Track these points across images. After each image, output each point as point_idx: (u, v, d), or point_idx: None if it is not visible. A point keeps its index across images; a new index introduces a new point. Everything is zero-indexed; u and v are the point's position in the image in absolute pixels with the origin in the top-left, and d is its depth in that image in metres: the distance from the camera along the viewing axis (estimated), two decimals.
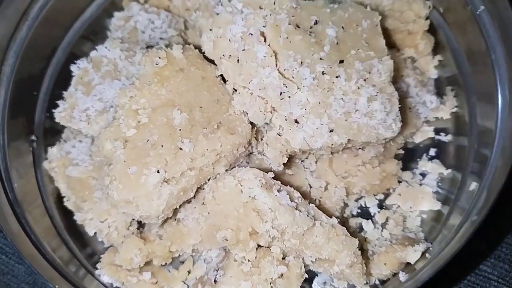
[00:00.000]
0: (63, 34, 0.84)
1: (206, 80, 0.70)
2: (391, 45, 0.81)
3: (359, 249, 0.65)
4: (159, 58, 0.67)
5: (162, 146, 0.64)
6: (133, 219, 0.73)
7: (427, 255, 0.65)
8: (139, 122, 0.66)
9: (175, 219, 0.72)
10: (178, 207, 0.69)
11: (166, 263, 0.72)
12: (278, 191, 0.64)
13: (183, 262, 0.75)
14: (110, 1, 0.87)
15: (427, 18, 0.79)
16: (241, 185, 0.64)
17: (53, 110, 0.75)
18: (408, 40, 0.80)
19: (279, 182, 0.66)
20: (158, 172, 0.63)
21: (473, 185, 0.67)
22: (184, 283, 0.73)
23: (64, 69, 0.82)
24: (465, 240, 0.56)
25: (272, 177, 0.66)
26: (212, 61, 0.71)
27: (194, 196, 0.70)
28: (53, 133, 0.80)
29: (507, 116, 0.67)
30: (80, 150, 0.76)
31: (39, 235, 0.70)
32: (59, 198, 0.77)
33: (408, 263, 0.67)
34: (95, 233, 0.74)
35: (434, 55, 0.82)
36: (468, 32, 0.74)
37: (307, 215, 0.63)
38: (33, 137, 0.78)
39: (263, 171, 0.66)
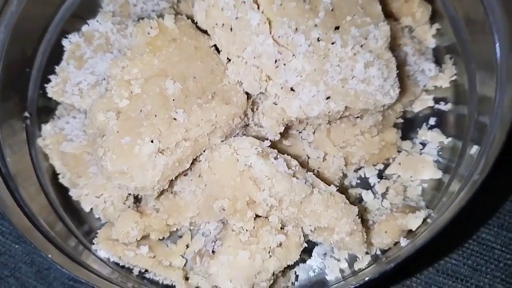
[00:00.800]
0: (55, 11, 0.82)
1: (199, 50, 0.69)
2: (388, 15, 0.79)
3: (359, 217, 0.64)
4: (151, 28, 0.66)
5: (155, 116, 0.63)
6: (129, 194, 0.72)
7: (428, 221, 0.64)
8: (131, 92, 0.64)
9: (172, 192, 0.70)
10: (174, 179, 0.68)
11: (163, 237, 0.71)
12: (275, 158, 0.63)
13: (181, 237, 0.74)
14: None
15: None
16: (237, 154, 0.63)
17: (46, 85, 0.74)
18: (404, 9, 0.79)
19: (276, 151, 0.65)
20: (152, 142, 0.62)
21: (473, 150, 0.66)
22: (183, 257, 0.72)
23: (56, 46, 0.81)
24: (465, 202, 0.55)
25: (269, 146, 0.65)
26: (205, 31, 0.70)
27: (191, 168, 0.69)
28: (47, 111, 0.79)
29: (506, 81, 0.65)
30: (74, 126, 0.75)
31: (35, 212, 0.69)
32: (54, 175, 0.76)
33: (410, 231, 0.65)
34: (91, 209, 0.73)
35: (431, 24, 0.80)
36: None
37: (305, 183, 0.62)
38: (26, 114, 0.77)
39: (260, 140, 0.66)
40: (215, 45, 0.69)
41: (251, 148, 0.63)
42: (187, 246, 0.73)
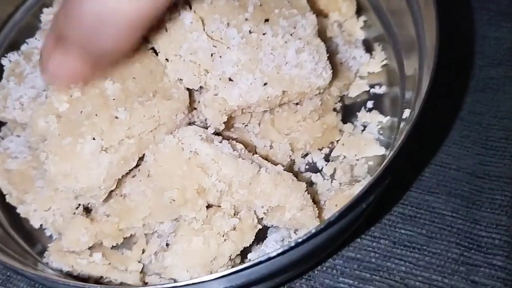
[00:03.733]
0: None
1: (137, 53, 0.70)
2: (317, 12, 0.85)
3: (307, 193, 0.65)
4: None
5: (96, 115, 0.64)
6: (79, 205, 0.70)
7: None
8: (71, 96, 0.65)
9: (121, 195, 0.70)
10: (122, 181, 0.68)
11: (117, 244, 0.69)
12: (220, 142, 0.64)
13: (136, 243, 0.72)
14: (39, 6, 0.89)
15: None
16: (182, 143, 0.64)
17: None
18: (331, 5, 0.85)
19: (220, 136, 0.66)
20: (94, 139, 0.62)
21: (402, 126, 0.69)
22: (139, 262, 0.70)
23: None
24: (389, 162, 0.56)
25: (213, 133, 0.67)
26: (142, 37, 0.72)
27: (138, 169, 0.69)
28: None
29: (425, 60, 0.70)
30: (19, 143, 0.75)
31: None
32: (1, 196, 0.74)
33: None
34: (41, 225, 0.71)
35: (358, 17, 0.86)
36: None
37: (251, 163, 0.63)
38: None
39: None
40: (153, 48, 0.72)
41: (195, 135, 0.64)
42: (143, 251, 0.71)
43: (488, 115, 0.82)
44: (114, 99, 0.65)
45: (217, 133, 0.70)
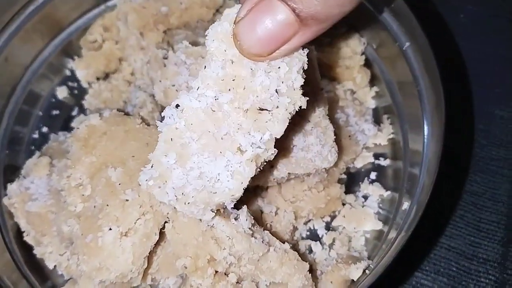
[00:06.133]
0: (22, 73, 0.88)
1: (129, 132, 0.74)
2: (332, 79, 0.89)
3: (309, 273, 0.70)
4: (80, 131, 0.73)
5: (107, 205, 0.68)
6: None
7: (367, 272, 0.71)
8: (83, 195, 0.70)
9: None
10: (153, 252, 0.71)
11: None
12: (235, 219, 0.67)
13: None
14: (67, 42, 0.93)
15: (362, 54, 0.87)
16: None
17: None
18: (346, 74, 0.88)
19: (236, 210, 0.69)
20: (110, 229, 0.66)
21: (405, 204, 0.74)
22: None
23: (23, 107, 0.87)
24: (399, 249, 0.61)
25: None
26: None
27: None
28: (12, 170, 0.83)
29: (431, 139, 0.75)
30: (39, 185, 0.78)
31: None
32: (19, 233, 0.79)
33: (352, 281, 0.72)
34: (55, 266, 0.76)
35: (371, 87, 0.90)
36: (397, 65, 0.83)
37: (262, 242, 0.67)
38: None
39: None
40: (142, 121, 0.76)
41: None
42: None
43: (484, 196, 0.85)
44: (119, 184, 0.69)
45: None
